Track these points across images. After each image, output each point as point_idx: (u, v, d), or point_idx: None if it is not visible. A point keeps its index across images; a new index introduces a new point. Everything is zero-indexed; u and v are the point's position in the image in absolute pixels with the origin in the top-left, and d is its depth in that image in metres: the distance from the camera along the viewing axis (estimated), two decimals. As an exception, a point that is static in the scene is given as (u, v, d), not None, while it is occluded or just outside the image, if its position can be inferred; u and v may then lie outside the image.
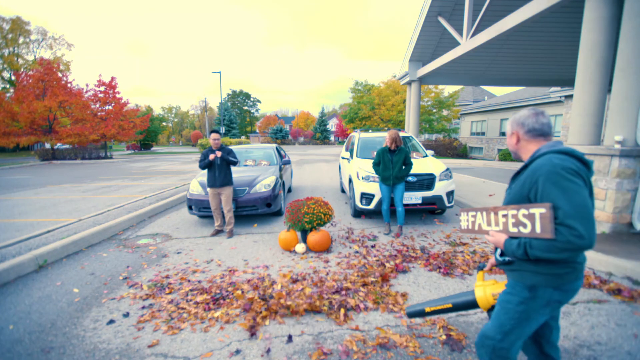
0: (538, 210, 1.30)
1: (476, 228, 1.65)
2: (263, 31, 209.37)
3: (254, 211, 5.64)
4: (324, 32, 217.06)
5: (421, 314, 1.89)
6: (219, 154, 4.97)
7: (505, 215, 1.46)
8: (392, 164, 4.89)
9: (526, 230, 1.36)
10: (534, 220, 1.32)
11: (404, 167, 4.93)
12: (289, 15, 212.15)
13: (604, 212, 4.66)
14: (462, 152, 24.06)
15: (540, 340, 1.65)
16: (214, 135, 4.99)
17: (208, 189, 5.10)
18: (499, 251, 1.57)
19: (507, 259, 1.51)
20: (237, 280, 3.47)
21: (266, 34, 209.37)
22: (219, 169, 4.98)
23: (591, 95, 5.05)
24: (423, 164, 5.90)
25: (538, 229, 1.31)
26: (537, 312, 1.43)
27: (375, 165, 5.05)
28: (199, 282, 3.45)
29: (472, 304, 1.72)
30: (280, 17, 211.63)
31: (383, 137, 7.30)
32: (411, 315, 1.94)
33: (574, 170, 1.29)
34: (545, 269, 1.38)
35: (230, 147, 5.17)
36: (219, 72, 28.50)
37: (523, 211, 1.36)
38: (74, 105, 21.51)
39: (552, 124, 1.45)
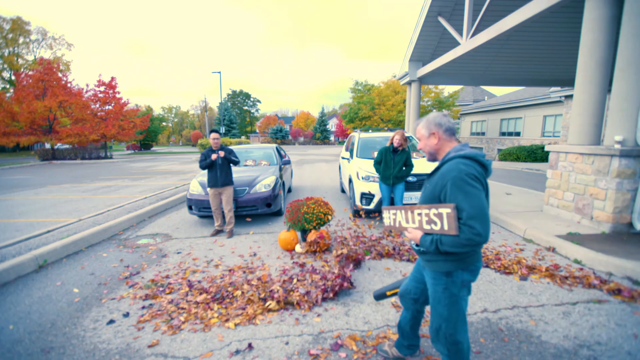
0: (445, 210, 1.50)
1: (397, 225, 1.83)
2: (262, 31, 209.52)
3: (254, 211, 5.64)
4: (323, 32, 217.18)
5: (383, 296, 2.15)
6: (221, 153, 4.97)
7: (420, 214, 1.65)
8: (394, 164, 4.91)
9: (437, 228, 1.56)
10: (442, 219, 1.52)
11: (404, 168, 4.94)
12: (289, 15, 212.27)
13: (604, 212, 4.67)
14: (462, 152, 23.99)
15: (420, 299, 2.00)
16: (213, 135, 4.99)
17: (209, 189, 5.10)
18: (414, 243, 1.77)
19: (422, 249, 1.69)
20: (237, 280, 3.47)
21: (266, 34, 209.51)
22: (220, 169, 4.98)
23: (591, 95, 5.05)
24: (423, 164, 5.89)
25: (446, 227, 1.51)
26: (458, 293, 1.68)
27: (377, 164, 5.06)
28: (199, 282, 3.45)
29: None
30: (279, 17, 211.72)
31: (383, 137, 7.30)
32: (377, 297, 2.22)
33: (475, 176, 1.50)
34: (454, 256, 1.61)
35: (230, 147, 5.18)
36: (219, 72, 28.50)
37: (434, 210, 1.56)
38: (74, 105, 21.51)
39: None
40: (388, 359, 2.23)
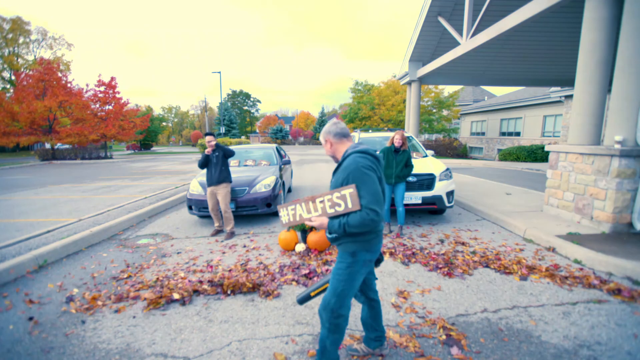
0: (348, 191, 1.74)
1: (297, 219, 1.99)
2: (262, 31, 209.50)
3: (254, 211, 5.64)
4: (323, 32, 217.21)
5: (308, 298, 2.16)
6: (210, 148, 4.91)
7: (322, 202, 1.85)
8: (395, 164, 4.91)
9: (341, 209, 1.78)
10: (346, 199, 1.75)
11: (405, 168, 4.93)
12: (288, 15, 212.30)
13: (604, 212, 4.67)
14: (462, 152, 24.05)
15: (365, 289, 2.18)
16: (208, 138, 4.95)
17: (207, 188, 5.09)
18: (327, 231, 1.92)
19: (335, 235, 1.88)
20: (236, 280, 3.47)
21: (265, 34, 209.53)
22: (215, 166, 4.94)
23: (591, 95, 5.06)
24: (423, 164, 5.90)
25: (350, 205, 1.74)
26: (358, 272, 1.90)
27: None
28: (199, 282, 3.45)
29: None
30: (279, 17, 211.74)
31: (383, 137, 7.30)
32: (301, 301, 2.17)
33: (370, 166, 1.79)
34: (360, 237, 1.85)
35: (225, 146, 5.14)
36: (219, 72, 28.52)
37: (336, 194, 1.78)
38: (74, 105, 21.50)
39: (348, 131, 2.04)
40: (359, 356, 2.26)
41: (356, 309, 2.93)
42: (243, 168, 6.85)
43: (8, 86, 35.37)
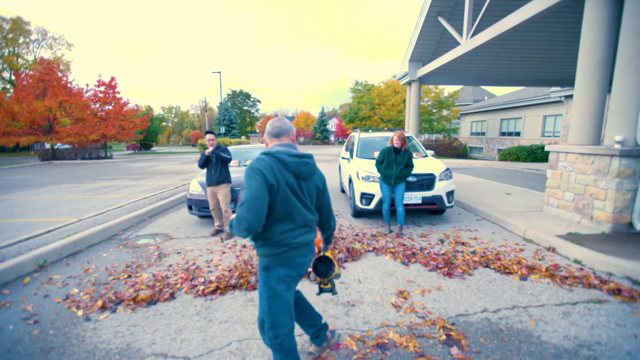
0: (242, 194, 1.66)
1: None
2: (262, 31, 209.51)
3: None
4: (323, 32, 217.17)
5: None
6: (210, 149, 4.91)
7: None
8: (396, 164, 4.90)
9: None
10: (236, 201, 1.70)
11: (405, 168, 4.93)
12: (288, 15, 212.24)
13: (604, 212, 4.67)
14: (462, 152, 24.06)
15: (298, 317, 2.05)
16: (208, 137, 4.94)
17: (207, 188, 5.10)
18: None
19: (252, 243, 1.79)
20: (236, 280, 3.47)
21: (265, 34, 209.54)
22: (214, 167, 4.95)
23: (591, 95, 5.06)
24: (423, 164, 5.90)
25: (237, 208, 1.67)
26: (276, 288, 1.73)
27: (378, 164, 5.05)
28: (200, 282, 3.45)
29: None
30: (278, 17, 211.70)
31: (383, 137, 7.30)
32: None
33: (259, 169, 1.62)
34: (270, 250, 1.71)
35: (226, 146, 5.13)
36: (219, 72, 28.52)
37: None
38: (74, 105, 21.50)
39: (288, 128, 1.85)
40: (313, 354, 2.24)
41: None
42: (243, 168, 6.84)
43: (8, 86, 35.37)
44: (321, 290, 2.12)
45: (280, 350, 1.78)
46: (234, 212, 5.47)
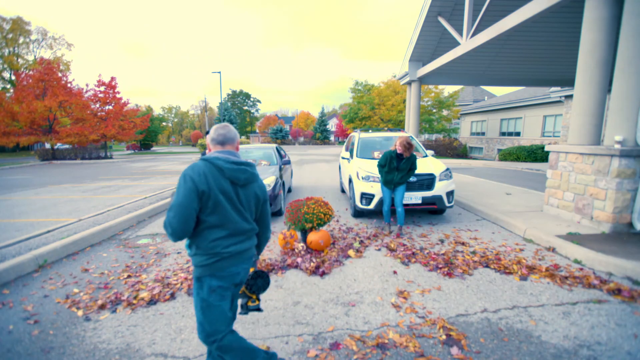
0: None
1: None
2: (261, 31, 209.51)
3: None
4: (323, 32, 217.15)
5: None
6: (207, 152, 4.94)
7: None
8: (398, 171, 4.85)
9: None
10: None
11: (407, 174, 4.89)
12: (287, 15, 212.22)
13: (604, 212, 4.67)
14: (462, 152, 24.06)
15: None
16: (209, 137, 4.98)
17: None
18: None
19: (189, 250, 1.73)
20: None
21: (265, 34, 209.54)
22: None
23: (591, 95, 5.06)
24: (423, 164, 5.89)
25: None
26: (208, 299, 1.68)
27: (380, 167, 4.97)
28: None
29: None
30: (278, 17, 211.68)
31: (383, 137, 7.30)
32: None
33: (190, 176, 1.59)
34: (201, 260, 1.67)
35: None
36: (219, 72, 28.52)
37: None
38: (74, 105, 21.49)
39: (233, 136, 1.84)
40: None
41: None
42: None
43: (8, 86, 35.37)
44: (248, 309, 1.91)
45: (226, 350, 1.72)
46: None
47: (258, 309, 1.93)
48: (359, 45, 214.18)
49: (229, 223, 1.67)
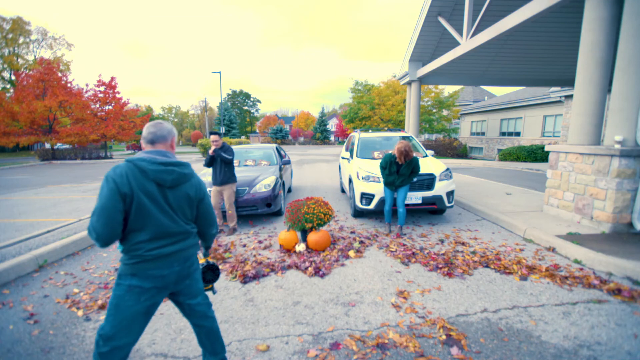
0: None
1: None
2: (261, 31, 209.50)
3: (254, 211, 5.64)
4: (322, 32, 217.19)
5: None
6: (212, 148, 4.99)
7: None
8: (398, 175, 4.84)
9: None
10: None
11: (408, 177, 4.88)
12: (287, 15, 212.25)
13: (604, 212, 4.67)
14: (462, 152, 24.06)
15: (185, 314, 1.90)
16: (213, 137, 5.02)
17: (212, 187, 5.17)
18: None
19: (120, 247, 1.68)
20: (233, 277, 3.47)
21: (264, 34, 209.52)
22: (219, 167, 5.04)
23: (591, 95, 5.05)
24: (423, 164, 5.88)
25: None
26: (123, 297, 1.61)
27: (382, 168, 4.97)
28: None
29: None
30: (278, 17, 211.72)
31: (383, 137, 7.30)
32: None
33: (111, 177, 1.54)
34: (125, 259, 1.63)
35: (230, 146, 5.18)
36: (219, 72, 28.52)
37: None
38: (74, 105, 21.48)
39: (165, 134, 1.73)
40: None
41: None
42: (243, 168, 6.85)
43: (8, 86, 35.36)
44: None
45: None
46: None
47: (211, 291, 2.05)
48: (359, 46, 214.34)
49: (154, 226, 1.61)
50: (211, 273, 2.00)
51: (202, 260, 2.00)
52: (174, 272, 1.70)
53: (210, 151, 4.99)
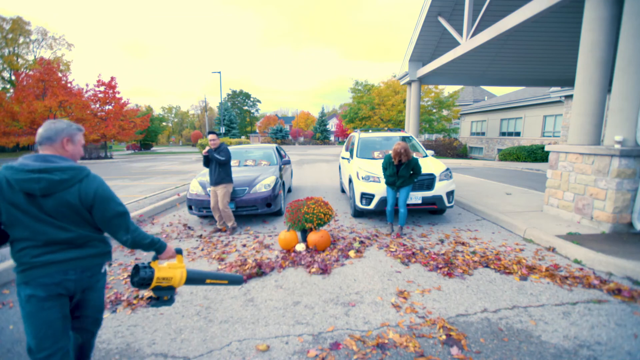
0: None
1: None
2: (261, 31, 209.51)
3: (254, 211, 5.64)
4: (322, 32, 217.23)
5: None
6: (205, 150, 5.06)
7: None
8: (398, 177, 4.85)
9: None
10: None
11: (409, 178, 4.88)
12: (287, 15, 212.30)
13: (604, 212, 4.67)
14: (462, 152, 24.06)
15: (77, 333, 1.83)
16: (210, 137, 5.07)
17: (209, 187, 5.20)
18: None
19: None
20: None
21: (264, 34, 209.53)
22: (214, 167, 5.08)
23: (591, 95, 5.05)
24: (423, 164, 5.88)
25: None
26: (24, 307, 1.55)
27: (383, 169, 5.00)
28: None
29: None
30: (278, 17, 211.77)
31: (383, 137, 7.30)
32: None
33: None
34: (15, 268, 1.56)
35: (226, 146, 5.19)
36: (219, 72, 28.50)
37: None
38: (74, 105, 21.52)
39: (51, 135, 1.58)
40: None
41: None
42: (243, 168, 6.85)
43: (8, 86, 35.37)
44: (151, 305, 1.86)
45: None
46: (234, 212, 5.51)
47: (161, 304, 1.87)
48: (359, 46, 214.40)
49: (34, 234, 1.52)
50: (137, 277, 1.75)
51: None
52: (68, 280, 1.59)
53: (204, 151, 5.04)
